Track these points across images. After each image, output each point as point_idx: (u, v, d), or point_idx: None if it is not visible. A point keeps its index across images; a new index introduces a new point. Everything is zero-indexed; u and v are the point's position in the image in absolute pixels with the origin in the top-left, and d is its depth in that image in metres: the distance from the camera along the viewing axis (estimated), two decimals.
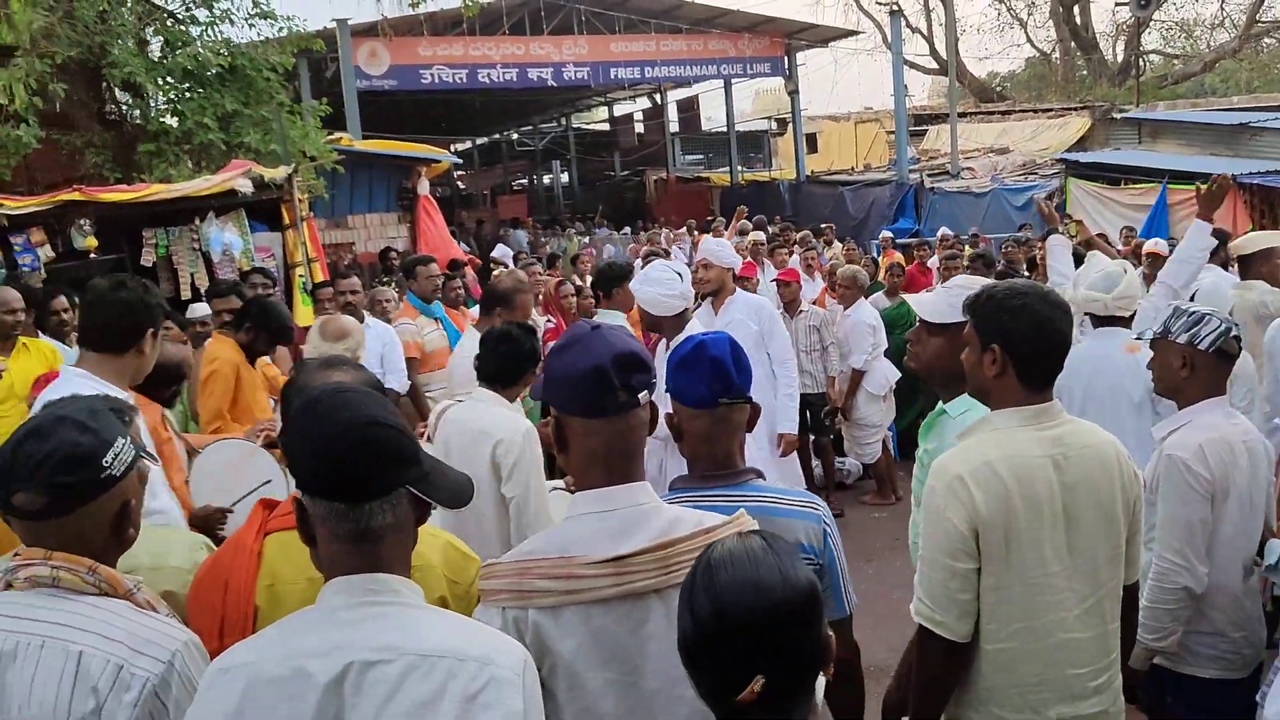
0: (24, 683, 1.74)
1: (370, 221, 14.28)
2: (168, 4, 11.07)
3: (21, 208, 7.52)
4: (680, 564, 1.83)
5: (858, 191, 22.86)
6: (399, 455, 1.63)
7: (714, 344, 2.28)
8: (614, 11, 22.14)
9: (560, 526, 1.96)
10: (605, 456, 1.92)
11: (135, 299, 3.18)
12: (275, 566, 2.18)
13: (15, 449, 1.80)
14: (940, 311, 2.90)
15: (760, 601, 1.50)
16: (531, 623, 1.82)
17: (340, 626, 1.59)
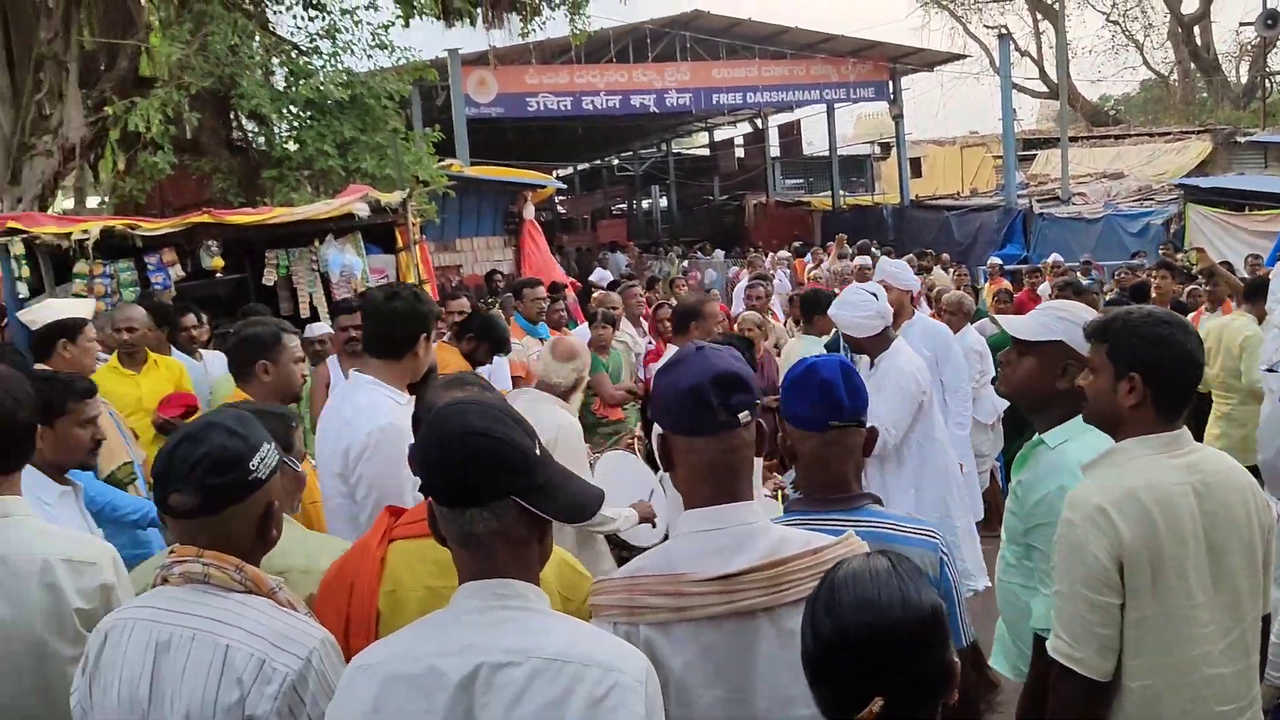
0: (176, 672, 1.85)
1: (477, 245, 14.62)
2: (293, 36, 11.57)
3: (156, 229, 7.90)
4: (789, 583, 1.84)
5: (963, 217, 22.50)
6: (498, 466, 1.67)
7: (824, 366, 2.27)
8: (717, 38, 22.29)
9: (670, 544, 1.99)
10: (709, 475, 1.93)
11: (408, 308, 3.34)
12: (397, 573, 2.24)
13: (172, 452, 1.92)
14: (1033, 329, 2.80)
15: (879, 621, 1.52)
16: (643, 638, 1.85)
17: (471, 628, 1.65)
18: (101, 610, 2.32)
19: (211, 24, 9.70)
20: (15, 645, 2.28)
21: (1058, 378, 2.70)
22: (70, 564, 2.33)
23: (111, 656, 1.91)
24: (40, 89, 9.83)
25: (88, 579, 2.34)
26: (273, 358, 3.67)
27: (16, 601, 2.28)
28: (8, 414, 2.35)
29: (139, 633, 1.90)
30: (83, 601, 2.32)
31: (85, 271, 7.60)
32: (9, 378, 2.42)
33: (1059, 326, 2.73)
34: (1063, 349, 2.70)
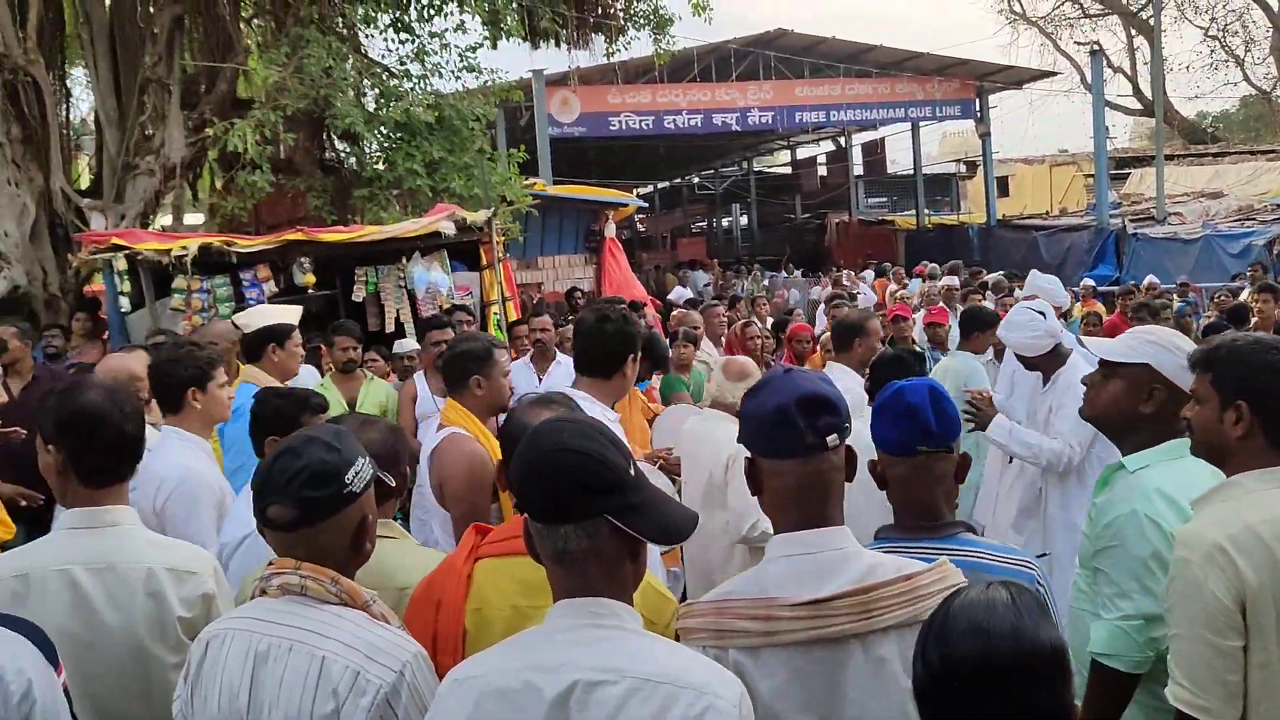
0: (274, 682, 1.89)
1: (559, 262, 14.76)
2: (384, 59, 11.85)
3: (251, 246, 8.15)
4: (881, 609, 1.82)
5: (1052, 237, 22.05)
6: (592, 484, 1.67)
7: (912, 390, 2.23)
8: (801, 57, 22.22)
9: (760, 568, 1.98)
10: (797, 498, 1.92)
11: (618, 330, 3.50)
12: (484, 591, 2.25)
13: (271, 466, 1.97)
14: (1120, 351, 2.72)
15: (989, 654, 1.46)
16: (732, 662, 1.84)
17: (567, 646, 1.67)
18: (202, 619, 2.38)
19: (307, 47, 9.98)
20: (121, 651, 2.35)
21: (1142, 401, 2.63)
22: (174, 573, 2.39)
23: (212, 666, 1.96)
24: (144, 111, 10.22)
25: (190, 588, 2.40)
26: (485, 372, 3.74)
27: (123, 609, 2.35)
28: (116, 427, 2.41)
29: (238, 643, 1.95)
30: (185, 610, 2.38)
31: (184, 287, 7.87)
32: (118, 392, 2.50)
33: (1147, 349, 2.66)
34: (1149, 372, 2.63)
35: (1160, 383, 2.60)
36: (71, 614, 2.33)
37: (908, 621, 1.83)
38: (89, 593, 2.34)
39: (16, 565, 2.39)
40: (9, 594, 2.33)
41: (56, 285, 9.68)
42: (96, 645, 2.34)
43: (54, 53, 10.91)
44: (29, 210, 9.49)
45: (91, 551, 2.37)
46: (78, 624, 2.33)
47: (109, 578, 2.36)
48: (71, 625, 2.32)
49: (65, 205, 9.80)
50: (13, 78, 9.47)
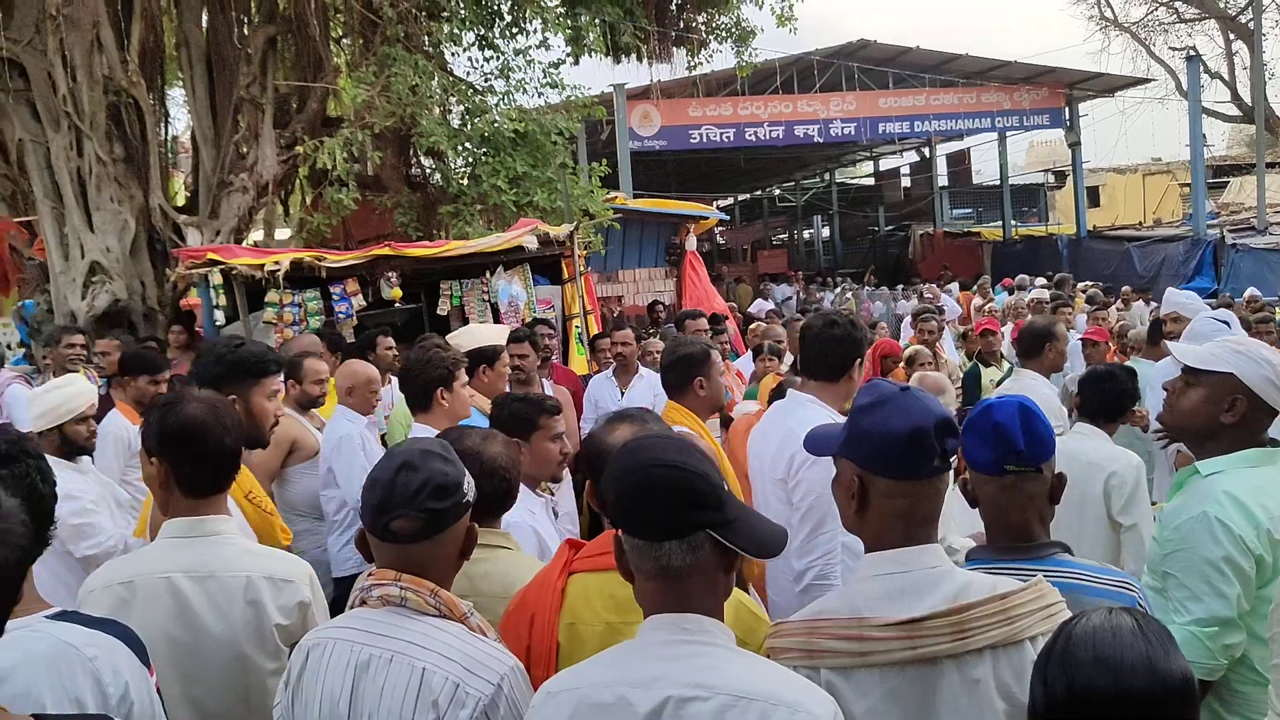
0: (375, 692, 1.93)
1: (639, 276, 14.79)
2: (469, 76, 12.04)
3: (340, 261, 8.34)
4: (975, 630, 1.79)
5: (1146, 248, 21.43)
6: (694, 500, 1.69)
7: (1000, 408, 2.19)
8: (885, 68, 21.99)
9: (852, 587, 1.95)
10: (907, 519, 1.90)
11: (845, 334, 3.59)
12: (576, 606, 2.27)
13: (393, 480, 1.99)
14: (1205, 358, 2.64)
15: (1120, 688, 1.42)
16: (824, 682, 1.82)
17: (659, 660, 1.67)
18: (299, 627, 2.45)
19: (394, 66, 10.19)
20: (222, 656, 2.42)
21: (1224, 411, 2.56)
22: (272, 581, 2.46)
23: (313, 673, 2.00)
24: (238, 130, 10.54)
25: (287, 596, 2.46)
26: (705, 373, 3.91)
27: (224, 616, 2.42)
28: (216, 440, 2.48)
29: (339, 652, 1.98)
30: (282, 618, 2.45)
31: (276, 300, 8.08)
32: (219, 406, 2.56)
33: (1232, 359, 2.58)
34: (1233, 382, 2.56)
35: (1243, 393, 2.55)
36: (175, 620, 2.41)
37: (1003, 641, 1.80)
38: (191, 600, 2.41)
39: (124, 572, 2.48)
40: (117, 600, 2.42)
41: (154, 299, 10.01)
42: (198, 651, 2.41)
43: (154, 74, 11.31)
44: (129, 226, 9.84)
45: (193, 560, 2.45)
46: (181, 630, 2.41)
47: (210, 586, 2.43)
48: (175, 631, 2.40)
49: (163, 221, 10.14)
50: (116, 99, 9.84)
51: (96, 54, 9.57)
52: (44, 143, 9.63)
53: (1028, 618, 1.82)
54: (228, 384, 3.21)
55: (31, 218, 10.22)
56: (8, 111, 9.77)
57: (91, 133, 9.53)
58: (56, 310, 9.81)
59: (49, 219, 9.74)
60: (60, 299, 9.74)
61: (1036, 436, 2.17)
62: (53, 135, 9.54)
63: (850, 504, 1.96)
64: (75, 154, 9.60)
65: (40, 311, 10.16)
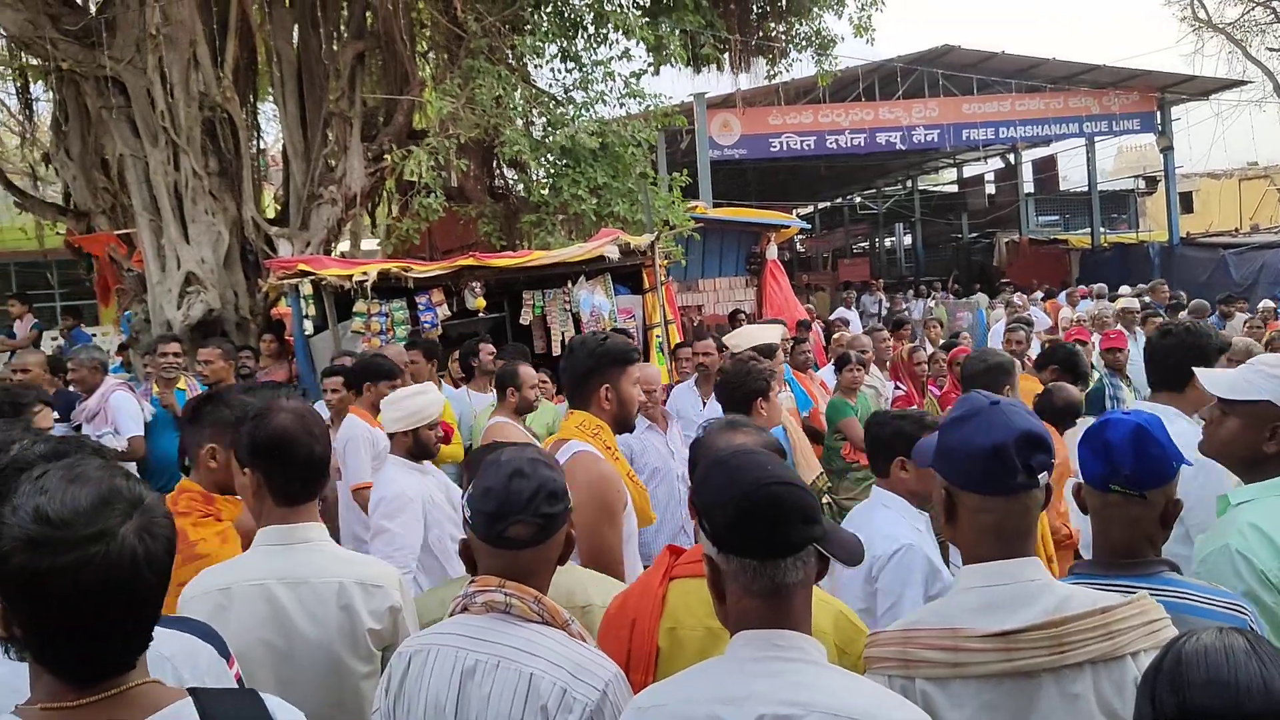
0: (482, 697, 1.95)
1: (720, 285, 14.75)
2: (550, 88, 12.14)
3: (426, 272, 8.47)
4: (1074, 643, 1.76)
5: (1243, 255, 20.74)
6: (806, 514, 1.70)
7: (1116, 425, 2.14)
8: (968, 73, 21.63)
9: (949, 598, 1.94)
10: (998, 534, 1.88)
11: (1181, 343, 3.70)
12: (677, 611, 2.27)
13: (507, 486, 2.03)
14: (1237, 387, 2.55)
15: (1237, 709, 1.37)
16: (919, 692, 1.81)
17: (752, 678, 1.65)
18: (390, 631, 2.49)
19: (478, 78, 10.33)
20: (317, 661, 2.46)
21: (1265, 440, 2.46)
22: (363, 587, 2.50)
23: (416, 679, 2.03)
24: (327, 144, 10.79)
25: (378, 601, 2.50)
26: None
27: (318, 621, 2.46)
28: (306, 448, 2.53)
29: (443, 658, 2.01)
30: (374, 622, 2.48)
31: (364, 310, 8.24)
32: (308, 415, 2.61)
33: (1266, 385, 2.49)
34: (1271, 410, 2.46)
35: None
36: (270, 626, 2.45)
37: (1104, 657, 1.77)
38: (286, 606, 2.46)
39: (220, 580, 2.53)
40: (214, 605, 2.47)
41: (247, 308, 10.29)
42: (293, 655, 2.46)
43: (247, 90, 11.64)
44: (223, 238, 10.13)
45: (287, 567, 2.50)
46: (276, 635, 2.45)
47: (304, 592, 2.47)
48: (270, 636, 2.45)
49: (255, 233, 10.42)
50: (211, 114, 10.15)
51: (193, 71, 9.89)
52: (142, 157, 9.97)
53: (1130, 633, 1.79)
54: (598, 373, 3.30)
55: (130, 230, 10.59)
56: (109, 128, 10.15)
57: (188, 147, 9.85)
58: (154, 319, 10.14)
59: (147, 231, 10.08)
60: (157, 308, 10.07)
61: (1149, 461, 2.10)
62: (151, 150, 9.88)
63: (942, 516, 1.97)
64: (172, 168, 9.92)
65: (138, 321, 10.51)
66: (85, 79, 10.14)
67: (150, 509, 1.45)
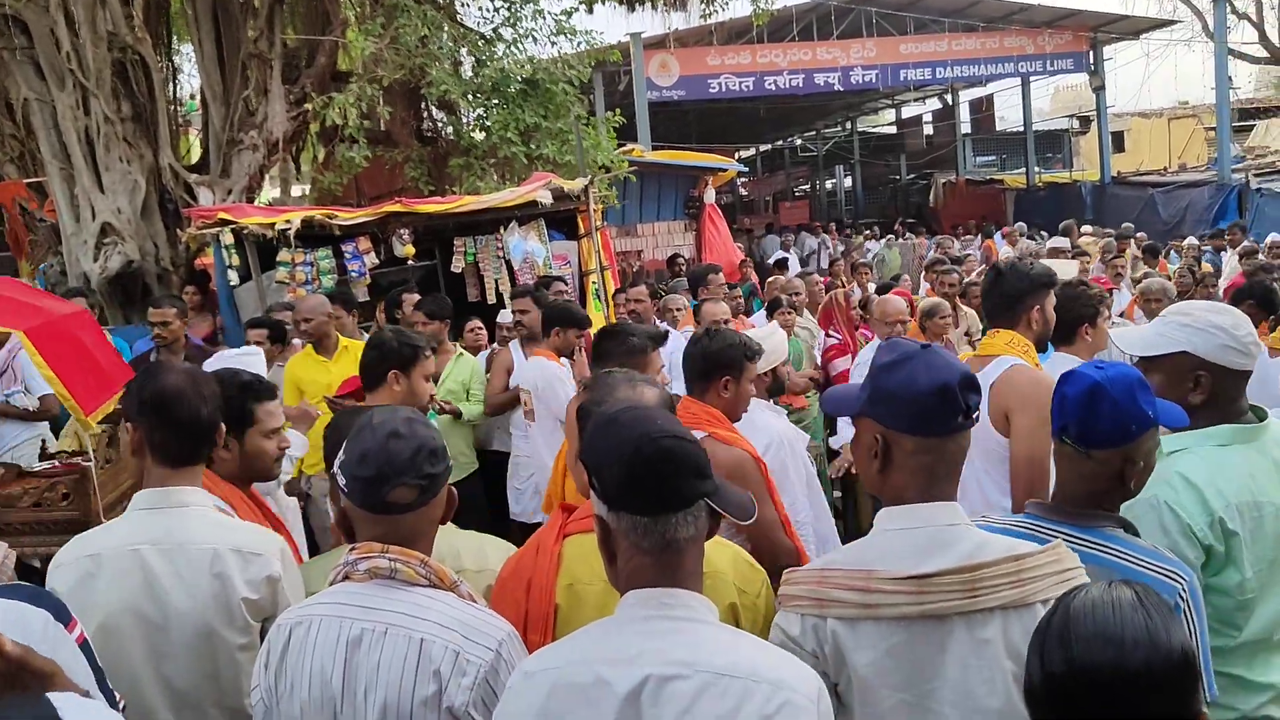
0: (371, 666, 1.89)
1: (658, 229, 14.63)
2: (479, 27, 11.80)
3: (352, 219, 8.22)
4: (986, 589, 1.77)
5: (1171, 194, 21.08)
6: (697, 469, 1.68)
7: (1075, 379, 2.13)
8: (905, 13, 21.54)
9: (866, 539, 1.93)
10: (930, 475, 1.88)
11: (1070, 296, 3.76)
12: (573, 568, 2.25)
13: (384, 448, 1.93)
14: (1150, 342, 2.52)
15: (1121, 663, 1.37)
16: (830, 631, 1.82)
17: (640, 637, 1.63)
18: (269, 601, 2.39)
19: (402, 17, 9.99)
20: (189, 632, 2.36)
21: (1190, 391, 2.42)
22: (239, 554, 2.39)
23: (298, 652, 1.95)
24: (247, 86, 10.37)
25: (255, 569, 2.39)
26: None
27: (190, 589, 2.35)
28: (194, 409, 2.45)
29: (327, 628, 1.94)
30: (250, 591, 2.38)
31: (288, 260, 7.99)
32: (198, 377, 2.54)
33: (1180, 335, 2.45)
34: (1190, 359, 2.42)
35: (1204, 369, 2.41)
36: (142, 594, 2.35)
37: (1015, 603, 1.78)
38: (158, 573, 2.36)
39: (89, 546, 2.43)
40: (82, 573, 2.37)
41: (168, 259, 9.94)
42: (166, 625, 2.36)
43: (160, 30, 11.15)
44: (140, 187, 9.73)
45: (161, 531, 2.40)
46: (148, 604, 2.35)
47: (177, 558, 2.37)
48: (142, 605, 2.35)
49: (174, 181, 10.03)
50: (122, 56, 9.69)
51: (100, 9, 9.41)
52: (49, 102, 9.51)
53: (1040, 580, 1.80)
54: (1031, 295, 3.50)
55: (41, 179, 10.13)
56: (12, 70, 9.64)
57: (97, 90, 9.40)
58: (70, 273, 9.76)
59: (58, 180, 9.65)
60: (73, 261, 9.69)
61: (1100, 420, 2.07)
62: (58, 94, 9.42)
63: (873, 464, 1.93)
64: (82, 113, 9.48)
65: (53, 274, 10.12)
66: None
67: None
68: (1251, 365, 2.42)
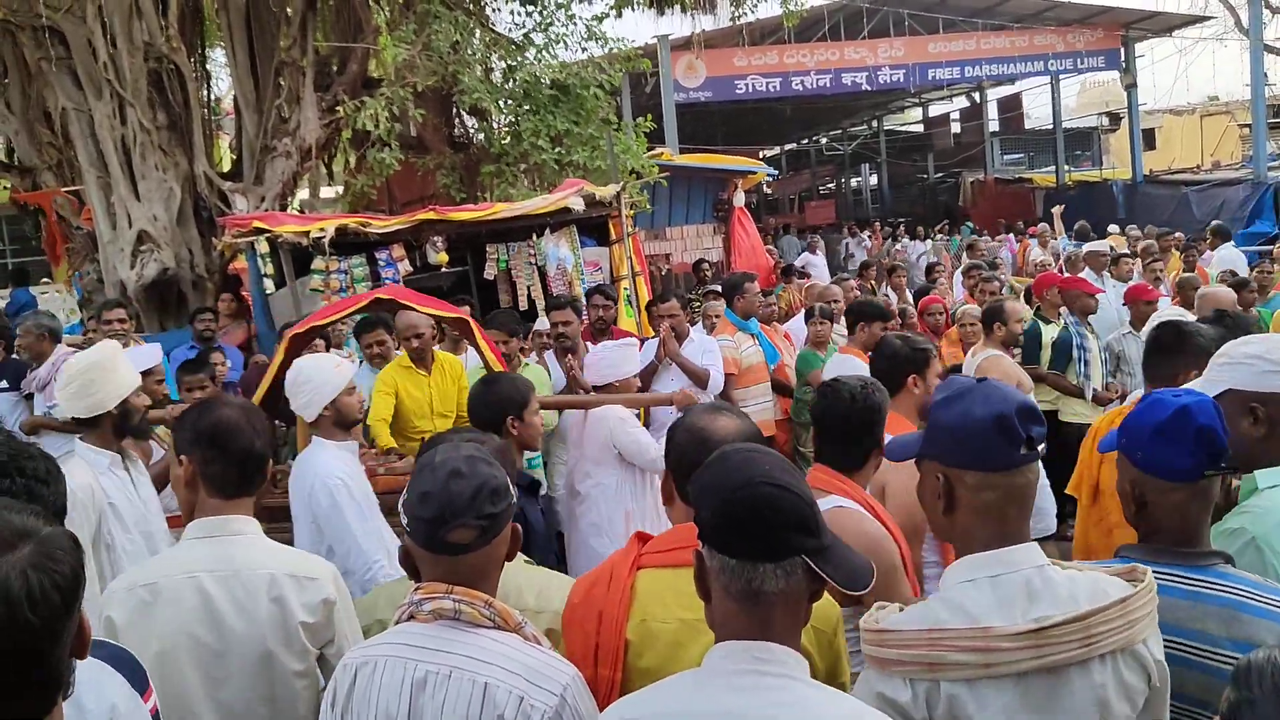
0: (436, 710, 1.87)
1: (687, 233, 14.58)
2: (510, 32, 11.81)
3: (386, 227, 8.25)
4: (1101, 635, 1.72)
5: (1204, 192, 20.85)
6: (800, 522, 1.61)
7: (1201, 410, 2.02)
8: (934, 12, 21.40)
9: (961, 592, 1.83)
10: (1002, 513, 1.83)
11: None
12: (647, 604, 2.20)
13: (445, 488, 1.91)
14: (1200, 387, 2.44)
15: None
16: (945, 695, 1.75)
17: (728, 692, 1.59)
18: (325, 625, 2.41)
19: (434, 23, 10.01)
20: (247, 656, 2.38)
21: (1250, 426, 2.37)
22: (295, 579, 2.42)
23: (364, 693, 1.94)
24: (280, 94, 10.42)
25: (311, 593, 2.42)
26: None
27: (248, 614, 2.38)
28: (248, 440, 2.49)
29: (392, 669, 1.92)
30: (307, 615, 2.41)
31: (323, 267, 8.02)
32: (250, 411, 2.57)
33: (1224, 375, 2.43)
34: (1238, 396, 2.38)
35: (1257, 400, 2.36)
36: (200, 621, 2.37)
37: (1123, 646, 1.75)
38: (215, 599, 2.37)
39: (146, 575, 2.45)
40: (139, 603, 2.39)
41: (203, 267, 10.00)
42: (224, 652, 2.37)
43: (194, 39, 11.22)
44: (175, 194, 9.80)
45: (217, 558, 2.42)
46: (205, 631, 2.37)
47: (234, 584, 2.39)
48: (200, 632, 2.37)
49: (209, 188, 10.09)
50: (157, 65, 9.76)
51: (136, 19, 9.48)
52: (87, 111, 9.59)
53: (1143, 621, 1.78)
54: None
55: (78, 187, 10.23)
56: (50, 80, 9.74)
57: (134, 100, 9.48)
58: (106, 280, 9.85)
59: (95, 188, 9.74)
60: (109, 268, 9.77)
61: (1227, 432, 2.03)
62: (95, 103, 9.50)
63: (938, 505, 1.89)
64: (118, 122, 9.55)
65: (90, 281, 10.21)
66: (21, 29, 9.69)
67: (47, 540, 1.30)
68: None
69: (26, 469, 1.97)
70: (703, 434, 2.27)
